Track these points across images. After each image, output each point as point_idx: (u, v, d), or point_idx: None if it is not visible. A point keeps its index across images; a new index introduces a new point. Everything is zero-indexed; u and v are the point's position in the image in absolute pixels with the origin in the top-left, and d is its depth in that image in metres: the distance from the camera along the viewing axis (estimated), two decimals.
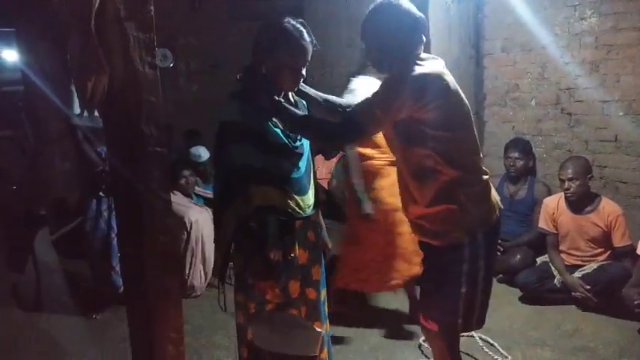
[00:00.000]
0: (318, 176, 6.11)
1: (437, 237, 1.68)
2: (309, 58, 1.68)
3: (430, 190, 1.61)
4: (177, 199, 3.38)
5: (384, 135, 1.77)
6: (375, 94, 1.59)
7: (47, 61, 3.94)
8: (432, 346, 1.90)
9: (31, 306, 3.27)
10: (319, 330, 1.73)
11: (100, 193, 3.20)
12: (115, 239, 3.15)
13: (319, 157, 5.22)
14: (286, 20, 1.66)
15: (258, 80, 1.68)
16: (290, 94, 1.80)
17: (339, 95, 2.08)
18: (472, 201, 1.62)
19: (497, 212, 1.70)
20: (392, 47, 1.60)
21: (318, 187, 1.85)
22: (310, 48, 1.67)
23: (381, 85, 1.61)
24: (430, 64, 1.59)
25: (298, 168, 1.73)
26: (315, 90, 1.83)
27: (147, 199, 1.37)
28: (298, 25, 1.66)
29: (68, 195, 4.52)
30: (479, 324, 1.76)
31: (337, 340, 2.72)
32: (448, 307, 1.70)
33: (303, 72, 1.69)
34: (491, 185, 1.74)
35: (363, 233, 2.69)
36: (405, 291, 2.93)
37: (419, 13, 1.63)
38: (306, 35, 1.66)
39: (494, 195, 1.73)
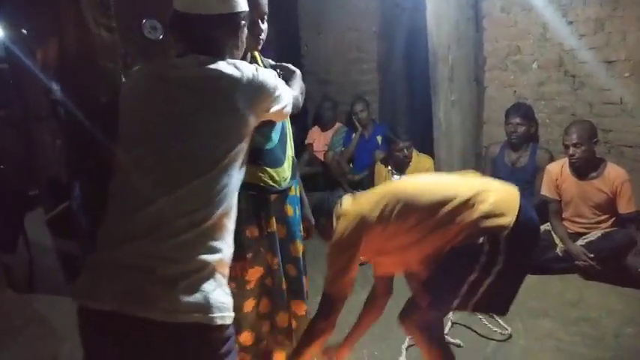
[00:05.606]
0: (315, 149, 5.87)
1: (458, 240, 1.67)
2: (267, 10, 1.56)
3: (445, 239, 1.67)
4: None
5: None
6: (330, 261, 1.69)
7: (29, 36, 3.80)
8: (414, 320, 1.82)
9: (24, 287, 3.22)
10: None
11: None
12: None
13: (316, 129, 5.09)
14: None
15: None
16: (257, 55, 1.67)
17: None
18: (470, 222, 1.63)
19: (512, 217, 1.64)
20: None
21: (295, 159, 1.75)
22: None
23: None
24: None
25: (270, 139, 1.61)
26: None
27: None
28: None
29: (61, 173, 4.45)
30: (475, 309, 1.77)
31: None
32: (451, 286, 1.68)
33: (263, 27, 1.56)
34: (487, 196, 1.66)
35: None
36: None
37: None
38: None
39: (499, 202, 1.67)
